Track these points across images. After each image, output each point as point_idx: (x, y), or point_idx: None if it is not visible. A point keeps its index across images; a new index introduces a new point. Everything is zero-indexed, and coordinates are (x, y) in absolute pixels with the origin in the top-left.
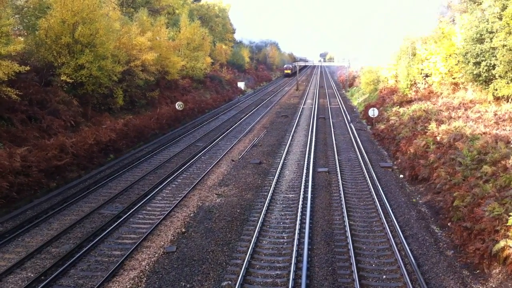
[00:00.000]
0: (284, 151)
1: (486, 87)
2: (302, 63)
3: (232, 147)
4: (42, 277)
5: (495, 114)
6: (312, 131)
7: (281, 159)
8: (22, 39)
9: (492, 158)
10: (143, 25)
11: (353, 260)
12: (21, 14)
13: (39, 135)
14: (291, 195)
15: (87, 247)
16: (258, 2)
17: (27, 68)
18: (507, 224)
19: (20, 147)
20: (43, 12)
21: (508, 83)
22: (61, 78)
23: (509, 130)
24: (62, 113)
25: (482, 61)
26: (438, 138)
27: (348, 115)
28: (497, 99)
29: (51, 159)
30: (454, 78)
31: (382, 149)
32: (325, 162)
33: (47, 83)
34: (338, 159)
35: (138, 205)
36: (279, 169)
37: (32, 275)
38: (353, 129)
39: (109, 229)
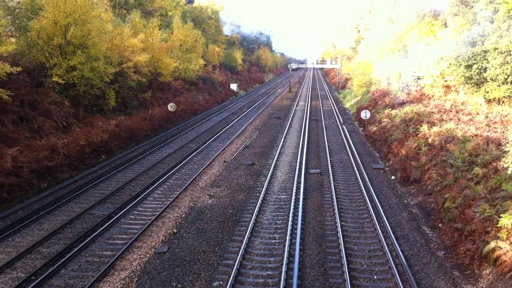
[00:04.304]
0: (276, 152)
1: (478, 90)
2: (295, 65)
3: (224, 148)
4: (33, 277)
5: (486, 117)
6: (304, 133)
7: (273, 160)
8: (14, 40)
9: (483, 160)
10: (135, 27)
11: (344, 261)
12: (13, 15)
13: (30, 136)
14: (283, 196)
15: (78, 248)
16: (259, 2)
17: (19, 69)
18: (498, 225)
19: (11, 148)
20: (35, 13)
21: (499, 85)
22: (53, 79)
23: (500, 132)
24: (54, 114)
25: (474, 64)
26: (430, 140)
27: (340, 117)
28: (489, 101)
29: (42, 160)
30: (446, 81)
31: (374, 151)
32: (317, 164)
33: (38, 84)
34: (330, 160)
35: (130, 205)
36: (271, 170)
37: (22, 275)
38: (345, 131)
39: (100, 229)
